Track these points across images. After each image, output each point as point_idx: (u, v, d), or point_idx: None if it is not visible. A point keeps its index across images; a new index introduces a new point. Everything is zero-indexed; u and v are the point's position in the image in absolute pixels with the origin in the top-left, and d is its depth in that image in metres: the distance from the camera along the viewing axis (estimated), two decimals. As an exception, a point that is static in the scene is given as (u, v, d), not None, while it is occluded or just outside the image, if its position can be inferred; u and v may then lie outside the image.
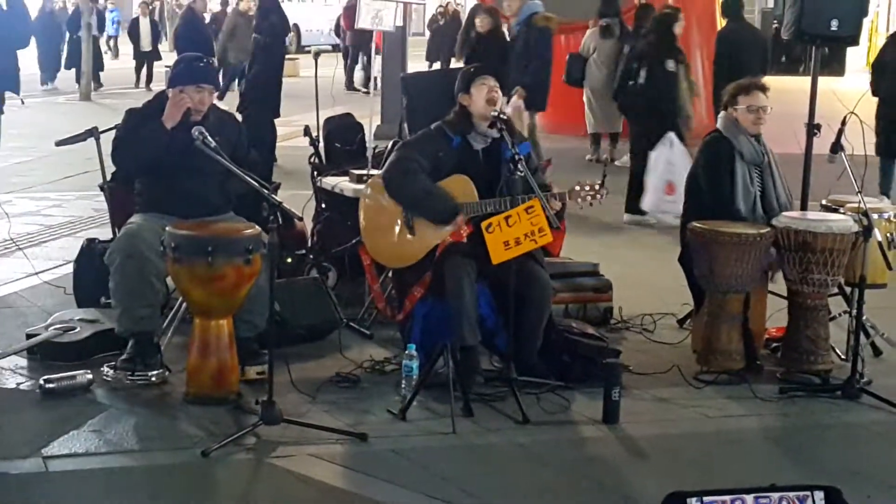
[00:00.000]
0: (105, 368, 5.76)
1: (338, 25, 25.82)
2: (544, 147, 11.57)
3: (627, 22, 13.71)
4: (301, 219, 6.16)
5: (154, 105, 6.01)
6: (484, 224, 5.57)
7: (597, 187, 5.86)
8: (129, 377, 5.68)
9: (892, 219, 6.43)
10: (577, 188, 5.88)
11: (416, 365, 5.55)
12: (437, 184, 5.90)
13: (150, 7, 26.23)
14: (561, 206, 5.83)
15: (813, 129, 7.12)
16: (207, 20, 21.96)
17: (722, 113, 6.58)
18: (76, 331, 6.11)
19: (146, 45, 23.68)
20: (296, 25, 29.55)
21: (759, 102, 6.42)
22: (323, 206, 7.57)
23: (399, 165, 5.97)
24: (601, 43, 13.89)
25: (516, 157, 5.58)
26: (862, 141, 6.24)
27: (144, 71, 23.60)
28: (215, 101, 6.09)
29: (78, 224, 9.72)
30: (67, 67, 23.09)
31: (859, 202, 5.96)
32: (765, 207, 6.40)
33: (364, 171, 7.21)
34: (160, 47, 24.45)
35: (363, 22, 8.22)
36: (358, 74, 23.79)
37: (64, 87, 22.39)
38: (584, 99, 14.29)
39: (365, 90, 20.35)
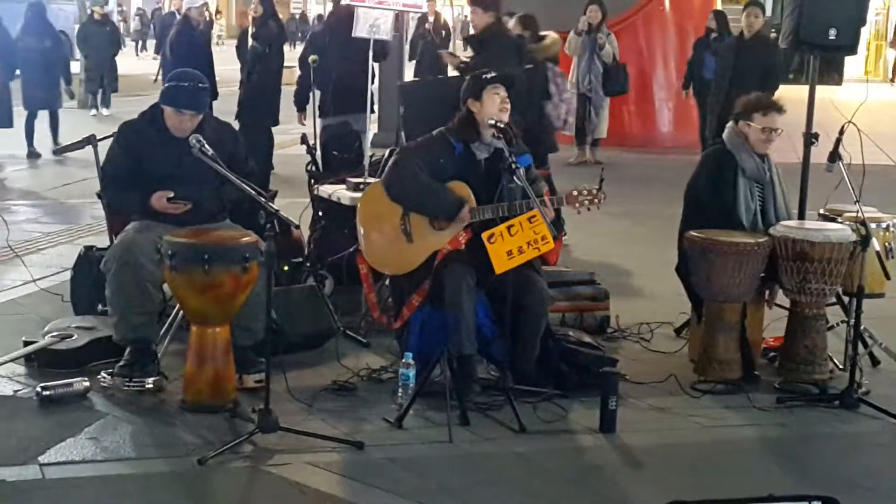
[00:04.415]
0: (102, 376, 5.75)
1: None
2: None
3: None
4: (298, 227, 6.16)
5: (147, 116, 6.00)
6: (485, 235, 5.55)
7: (594, 192, 5.83)
8: (126, 385, 5.67)
9: (889, 228, 6.42)
10: (576, 193, 5.82)
11: (413, 373, 5.54)
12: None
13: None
14: (555, 216, 5.77)
15: (811, 138, 7.12)
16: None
17: (730, 124, 6.48)
18: (73, 338, 6.11)
19: None
20: None
21: (774, 125, 6.31)
22: (320, 214, 7.56)
23: (399, 167, 5.96)
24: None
25: (513, 165, 5.56)
26: (860, 150, 6.23)
27: None
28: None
29: (76, 231, 9.71)
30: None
31: (857, 212, 5.96)
32: (765, 224, 6.36)
33: (361, 180, 7.21)
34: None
35: (360, 31, 8.19)
36: None
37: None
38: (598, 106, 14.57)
39: None
